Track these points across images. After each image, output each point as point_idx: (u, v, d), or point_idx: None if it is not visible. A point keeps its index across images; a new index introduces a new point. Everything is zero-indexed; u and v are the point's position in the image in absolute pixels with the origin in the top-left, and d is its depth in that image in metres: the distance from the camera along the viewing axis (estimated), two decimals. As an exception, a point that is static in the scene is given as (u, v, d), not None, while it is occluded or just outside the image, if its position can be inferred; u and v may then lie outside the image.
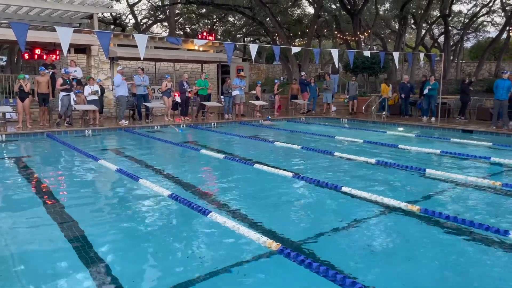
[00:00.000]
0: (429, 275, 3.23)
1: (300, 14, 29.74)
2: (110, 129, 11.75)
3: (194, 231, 4.11)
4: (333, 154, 8.12)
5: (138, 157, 8.05)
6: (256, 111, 15.70)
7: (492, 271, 3.29)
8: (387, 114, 15.35)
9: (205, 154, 8.30)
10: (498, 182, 5.78)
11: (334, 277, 2.97)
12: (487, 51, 25.71)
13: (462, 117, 13.74)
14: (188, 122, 13.40)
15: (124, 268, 3.28)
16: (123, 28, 31.17)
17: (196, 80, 15.48)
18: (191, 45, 17.38)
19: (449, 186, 5.86)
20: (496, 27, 30.78)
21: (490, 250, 3.66)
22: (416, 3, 25.42)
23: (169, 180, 6.16)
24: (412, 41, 33.51)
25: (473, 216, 4.47)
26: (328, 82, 16.89)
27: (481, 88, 16.91)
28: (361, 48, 23.99)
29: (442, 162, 7.72)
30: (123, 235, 4.03)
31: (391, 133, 11.47)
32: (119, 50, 14.76)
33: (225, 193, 5.49)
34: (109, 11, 18.90)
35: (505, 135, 10.75)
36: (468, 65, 31.07)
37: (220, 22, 34.01)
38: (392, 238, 3.99)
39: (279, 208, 4.87)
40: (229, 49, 10.34)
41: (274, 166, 6.89)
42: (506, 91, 11.38)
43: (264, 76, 32.14)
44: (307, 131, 12.18)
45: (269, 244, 3.56)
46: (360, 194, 5.22)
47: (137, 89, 13.00)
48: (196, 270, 3.22)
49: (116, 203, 5.12)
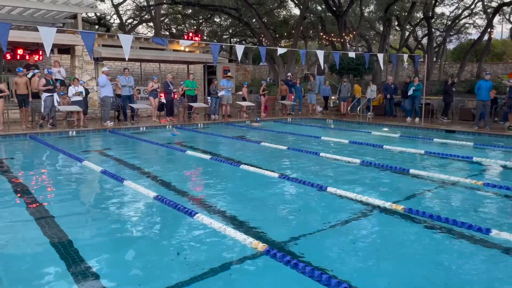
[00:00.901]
0: (414, 273, 3.28)
1: (286, 15, 29.84)
2: (95, 130, 11.62)
3: (180, 232, 4.09)
4: (319, 154, 8.17)
5: (123, 159, 7.97)
6: (243, 112, 15.71)
7: (474, 268, 3.36)
8: (372, 115, 15.52)
9: (192, 155, 8.27)
10: (480, 181, 5.90)
11: (320, 277, 2.99)
12: (469, 53, 26.21)
13: (445, 117, 13.97)
14: (174, 123, 13.32)
15: (109, 271, 3.25)
16: (108, 29, 30.83)
17: (182, 80, 15.42)
18: (177, 46, 17.30)
19: (432, 185, 5.95)
20: (477, 29, 31.40)
21: (472, 247, 3.73)
22: (400, 5, 25.74)
23: (155, 181, 6.12)
24: (396, 42, 33.96)
25: (456, 214, 4.55)
26: (312, 83, 17.01)
27: (463, 89, 17.23)
28: (346, 49, 24.20)
29: (425, 162, 7.84)
30: (108, 237, 3.99)
31: (376, 134, 11.60)
32: (103, 50, 14.61)
33: (212, 194, 5.48)
34: (93, 11, 18.70)
35: (487, 135, 10.97)
36: (451, 66, 31.62)
37: (206, 23, 33.90)
38: (377, 237, 4.04)
39: (265, 208, 4.89)
40: (215, 50, 10.33)
41: (260, 167, 6.90)
42: (489, 92, 11.62)
43: (251, 77, 32.15)
44: (293, 132, 12.23)
45: (255, 245, 3.57)
46: (346, 194, 5.27)
47: (122, 90, 12.88)
48: (182, 272, 3.21)
49: (101, 205, 5.07)
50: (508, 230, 3.99)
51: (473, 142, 9.88)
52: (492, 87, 11.70)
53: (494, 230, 3.92)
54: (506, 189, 5.55)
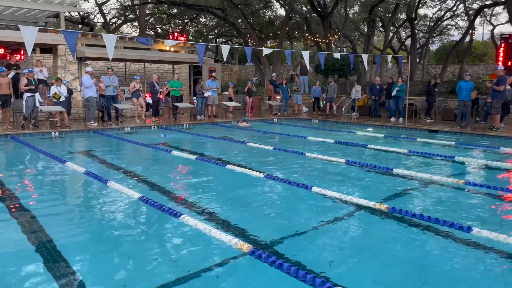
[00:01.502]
0: (397, 271, 3.32)
1: (272, 16, 29.92)
2: (78, 131, 11.46)
3: (165, 234, 4.06)
4: (304, 154, 8.21)
5: (107, 159, 7.88)
6: (229, 112, 15.69)
7: (456, 266, 3.42)
8: (357, 115, 15.67)
9: (177, 155, 8.22)
10: (462, 180, 6.01)
11: (304, 277, 3.00)
12: (451, 54, 26.69)
13: (428, 117, 14.19)
14: (159, 123, 13.23)
15: (93, 274, 3.21)
16: (92, 28, 30.44)
17: (167, 81, 15.32)
18: (162, 46, 17.17)
19: (415, 184, 6.04)
20: (459, 30, 31.99)
21: (454, 246, 3.80)
22: (384, 7, 26.07)
23: (140, 182, 6.07)
24: (381, 43, 34.35)
25: (438, 213, 4.63)
26: (298, 83, 17.09)
27: (446, 90, 17.53)
28: (331, 50, 24.40)
29: (409, 162, 7.95)
30: (91, 239, 3.94)
31: (361, 134, 11.71)
32: (87, 50, 14.41)
33: (197, 195, 5.46)
34: (77, 10, 18.45)
35: (468, 135, 11.18)
36: (434, 67, 32.14)
37: (191, 23, 33.75)
38: (361, 236, 4.08)
39: (251, 209, 4.89)
40: (201, 50, 10.30)
41: (246, 167, 6.90)
42: (469, 92, 11.84)
43: (237, 77, 32.13)
44: (279, 132, 12.27)
45: (240, 246, 3.57)
46: (330, 194, 5.31)
47: (106, 90, 12.73)
48: (167, 274, 3.19)
49: (84, 206, 5.00)
50: (489, 228, 4.07)
51: (455, 141, 10.06)
52: (473, 88, 11.92)
53: (475, 229, 4.00)
54: (486, 188, 5.67)
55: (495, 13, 30.19)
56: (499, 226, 4.34)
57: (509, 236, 3.80)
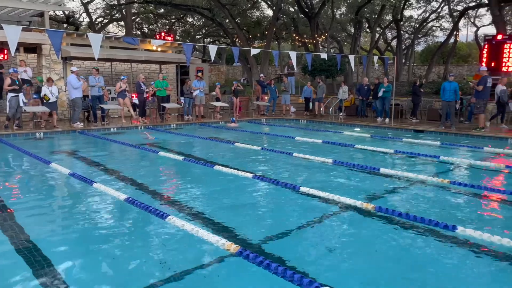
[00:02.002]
0: (385, 271, 3.35)
1: (259, 16, 29.97)
2: (64, 132, 11.30)
3: (151, 235, 4.03)
4: (292, 154, 8.24)
5: (93, 160, 7.79)
6: (217, 112, 15.66)
7: (442, 263, 3.46)
8: (344, 115, 15.79)
9: (164, 156, 8.17)
10: (447, 179, 6.09)
11: (292, 277, 3.01)
12: (436, 55, 27.07)
13: (413, 117, 14.37)
14: (146, 123, 13.13)
15: (78, 277, 3.17)
16: (77, 27, 30.04)
17: (153, 81, 15.21)
18: (149, 46, 17.05)
19: (401, 184, 6.11)
20: (444, 32, 32.47)
21: (439, 244, 3.85)
22: (370, 8, 26.32)
23: (126, 183, 6.01)
24: (367, 44, 34.66)
25: (424, 212, 4.69)
26: (286, 84, 17.13)
27: (431, 90, 17.77)
28: (318, 50, 24.54)
29: (395, 161, 8.04)
30: (77, 241, 3.88)
31: (348, 134, 11.80)
32: (72, 49, 14.22)
33: (184, 196, 5.43)
34: (61, 9, 18.20)
35: (453, 135, 11.35)
36: (419, 68, 32.57)
37: (179, 23, 33.58)
38: (349, 236, 4.11)
39: (238, 209, 4.88)
40: (188, 50, 10.25)
41: (234, 167, 6.89)
42: (453, 92, 12.02)
43: (224, 77, 32.09)
44: (267, 132, 12.29)
45: (228, 247, 3.56)
46: (318, 193, 5.33)
47: (91, 90, 12.58)
48: (154, 275, 3.16)
49: (69, 208, 4.92)
50: (472, 226, 4.14)
51: (440, 141, 10.20)
52: (457, 88, 12.09)
53: (460, 227, 4.06)
54: (470, 187, 5.76)
55: (479, 15, 30.76)
56: (483, 224, 4.40)
57: (492, 235, 3.86)
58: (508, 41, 15.18)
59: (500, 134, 10.83)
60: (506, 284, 3.16)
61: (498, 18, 17.05)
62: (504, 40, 15.29)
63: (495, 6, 16.91)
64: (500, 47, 15.24)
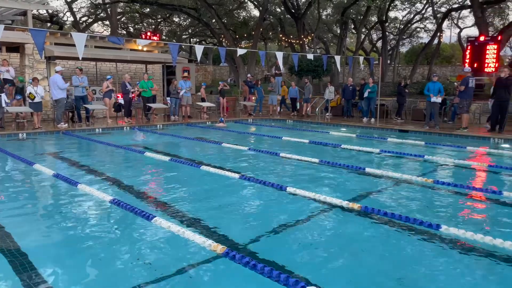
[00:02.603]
0: (370, 269, 3.38)
1: (246, 16, 29.96)
2: (47, 132, 11.12)
3: (137, 236, 3.99)
4: (279, 155, 8.26)
5: (77, 161, 7.68)
6: (203, 112, 15.60)
7: (426, 262, 3.51)
8: (330, 116, 15.89)
9: (150, 157, 8.11)
10: (430, 179, 6.18)
11: (278, 277, 3.02)
12: (421, 56, 27.46)
13: (398, 117, 14.54)
14: (132, 124, 13.01)
15: (63, 280, 3.12)
16: (61, 26, 29.60)
17: (139, 81, 15.07)
18: (135, 45, 16.89)
19: (386, 183, 6.18)
20: (428, 33, 32.95)
21: (424, 243, 3.90)
22: (356, 9, 26.56)
23: (111, 184, 5.94)
24: (353, 45, 34.97)
25: (408, 211, 4.75)
26: (273, 84, 17.15)
27: (415, 91, 18.01)
28: (305, 51, 24.65)
29: (380, 161, 8.12)
30: (61, 244, 3.83)
31: (334, 134, 11.88)
32: (56, 49, 14.00)
33: (171, 197, 5.40)
34: (45, 7, 17.92)
35: (437, 135, 11.52)
36: (404, 68, 32.98)
37: (165, 22, 33.35)
38: (335, 235, 4.13)
39: (225, 210, 4.87)
40: (174, 49, 10.20)
41: (221, 168, 6.88)
42: (437, 93, 12.20)
43: (211, 78, 32.00)
44: (254, 132, 12.29)
45: (214, 247, 3.55)
46: (304, 193, 5.36)
47: (75, 90, 12.40)
48: (140, 277, 3.14)
49: (53, 210, 4.85)
50: (456, 225, 4.21)
51: (424, 141, 10.34)
52: (441, 88, 12.26)
53: (444, 226, 4.12)
54: (454, 186, 5.85)
55: (462, 17, 31.34)
56: (466, 223, 4.49)
57: (475, 233, 3.93)
58: (490, 43, 15.50)
59: (482, 134, 11.03)
60: (489, 281, 3.22)
61: (480, 20, 17.37)
62: (487, 41, 15.61)
63: (478, 8, 17.23)
64: (483, 48, 15.55)
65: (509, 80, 10.96)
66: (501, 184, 6.27)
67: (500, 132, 10.98)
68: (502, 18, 27.21)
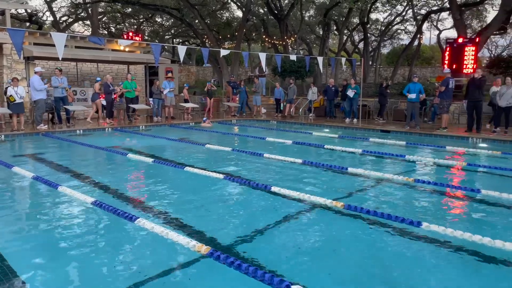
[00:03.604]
0: (354, 267, 3.42)
1: (229, 17, 29.91)
2: (27, 134, 10.89)
3: (120, 239, 3.95)
4: (263, 155, 8.27)
5: (58, 163, 7.54)
6: (187, 113, 15.52)
7: (407, 259, 3.57)
8: (313, 116, 16.00)
9: (133, 158, 8.02)
10: (411, 178, 6.29)
11: (262, 276, 3.03)
12: (401, 57, 27.89)
13: (380, 118, 14.74)
14: (114, 125, 12.84)
15: (43, 284, 3.06)
16: (40, 26, 29.01)
17: (121, 81, 14.89)
18: (116, 46, 16.68)
19: (369, 183, 6.26)
20: (408, 35, 33.50)
21: (405, 240, 3.97)
22: (338, 11, 26.81)
23: (93, 186, 5.86)
24: (335, 46, 35.28)
25: (391, 209, 4.82)
26: (257, 85, 17.17)
27: (396, 91, 18.29)
28: (288, 52, 24.77)
29: (363, 161, 8.22)
30: (42, 247, 3.75)
31: (317, 134, 11.96)
32: (35, 49, 13.73)
33: (154, 198, 5.35)
34: (24, 7, 17.52)
35: (417, 135, 11.73)
36: (385, 69, 33.44)
37: (147, 23, 33.03)
38: (319, 234, 4.16)
39: (209, 210, 4.86)
40: (156, 50, 10.11)
41: (205, 169, 6.85)
42: (417, 93, 12.41)
43: (195, 78, 31.82)
44: (238, 133, 12.28)
45: (198, 248, 3.54)
46: (289, 193, 5.38)
47: (54, 91, 12.17)
48: (122, 280, 3.10)
49: (33, 213, 4.75)
50: (436, 222, 4.29)
51: (405, 141, 10.51)
52: (421, 89, 12.49)
53: (424, 223, 4.20)
54: (434, 185, 5.97)
55: (441, 19, 31.97)
56: (446, 220, 4.58)
57: (455, 229, 4.02)
58: (469, 44, 15.86)
59: (461, 133, 11.28)
60: (469, 276, 3.30)
61: (459, 22, 17.76)
62: (465, 43, 15.96)
63: (456, 10, 17.62)
64: (461, 49, 15.89)
65: (482, 80, 11.24)
66: (478, 182, 6.43)
67: (477, 132, 11.24)
68: (480, 20, 27.88)
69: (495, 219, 4.70)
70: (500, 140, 10.32)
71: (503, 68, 18.80)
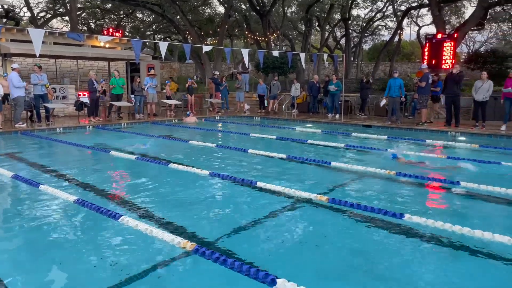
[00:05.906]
0: (338, 260, 3.46)
1: (211, 13, 29.73)
2: (5, 133, 10.63)
3: (103, 237, 3.90)
4: (247, 151, 8.28)
5: (38, 162, 7.40)
6: (170, 110, 15.40)
7: (391, 250, 3.64)
8: (296, 112, 16.08)
9: (115, 156, 7.92)
10: (393, 171, 6.40)
11: (248, 271, 3.04)
12: (382, 53, 28.26)
13: (362, 113, 14.92)
14: (98, 122, 12.65)
15: (25, 285, 3.01)
16: (17, 22, 28.28)
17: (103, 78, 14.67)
18: (96, 42, 16.41)
19: (352, 176, 6.34)
20: (389, 31, 33.93)
21: (388, 232, 4.04)
22: (320, 7, 26.95)
23: (75, 185, 5.77)
24: (317, 42, 35.49)
25: (374, 202, 4.90)
26: (240, 81, 17.14)
27: (378, 87, 18.54)
28: (270, 48, 24.79)
29: (345, 155, 8.31)
30: (23, 247, 3.68)
31: (301, 130, 12.04)
32: (12, 46, 13.39)
33: (138, 195, 5.30)
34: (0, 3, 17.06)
35: (398, 129, 11.92)
36: (367, 65, 33.84)
37: (127, 18, 32.58)
38: (304, 228, 4.20)
39: (194, 207, 4.84)
40: (137, 46, 10.00)
41: (189, 165, 6.82)
42: (398, 88, 12.61)
43: (177, 75, 31.56)
44: (222, 129, 12.26)
45: (184, 245, 3.53)
46: (274, 188, 5.41)
47: (34, 89, 11.90)
48: (107, 278, 3.07)
49: (13, 213, 4.64)
50: (418, 214, 4.38)
51: (386, 135, 10.67)
52: (402, 84, 12.69)
53: (407, 215, 4.28)
54: (414, 178, 6.09)
55: (421, 15, 32.47)
56: (427, 211, 4.68)
57: (436, 220, 4.11)
58: (447, 40, 16.15)
59: (440, 128, 11.51)
60: (449, 266, 3.38)
61: (438, 18, 18.07)
62: (444, 39, 16.25)
63: (435, 7, 17.92)
64: (440, 45, 16.17)
65: (460, 75, 11.49)
66: (457, 174, 6.59)
67: (456, 126, 11.49)
68: (458, 16, 28.45)
69: (474, 210, 4.83)
70: (477, 133, 10.58)
71: (480, 63, 19.23)
